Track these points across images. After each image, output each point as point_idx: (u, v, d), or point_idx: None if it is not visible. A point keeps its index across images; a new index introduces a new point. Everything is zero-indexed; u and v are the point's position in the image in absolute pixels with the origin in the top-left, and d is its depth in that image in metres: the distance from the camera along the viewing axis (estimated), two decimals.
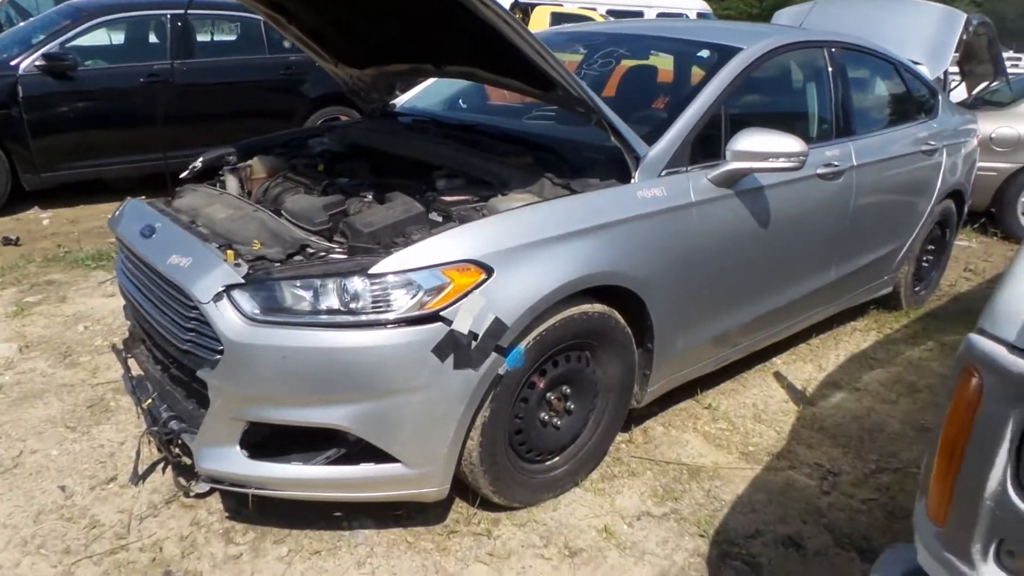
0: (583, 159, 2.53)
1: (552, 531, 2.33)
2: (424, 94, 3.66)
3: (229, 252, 2.09)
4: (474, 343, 1.98)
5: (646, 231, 2.39)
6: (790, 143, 2.58)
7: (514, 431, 2.29)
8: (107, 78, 5.91)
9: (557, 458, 2.47)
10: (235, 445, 2.07)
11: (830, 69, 3.36)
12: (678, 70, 3.48)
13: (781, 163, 2.58)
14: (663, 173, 2.50)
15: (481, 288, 2.00)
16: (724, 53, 2.90)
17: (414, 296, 1.95)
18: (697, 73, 3.18)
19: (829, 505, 2.52)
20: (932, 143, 3.90)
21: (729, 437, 2.92)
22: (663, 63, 3.57)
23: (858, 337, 3.96)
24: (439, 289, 1.97)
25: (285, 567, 2.15)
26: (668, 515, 2.44)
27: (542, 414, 2.36)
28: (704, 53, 3.09)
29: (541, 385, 2.30)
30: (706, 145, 2.68)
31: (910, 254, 4.05)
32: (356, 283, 1.95)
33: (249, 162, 2.93)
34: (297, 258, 2.11)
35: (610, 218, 2.29)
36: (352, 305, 1.95)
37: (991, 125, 5.68)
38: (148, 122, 5.96)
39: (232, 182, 2.85)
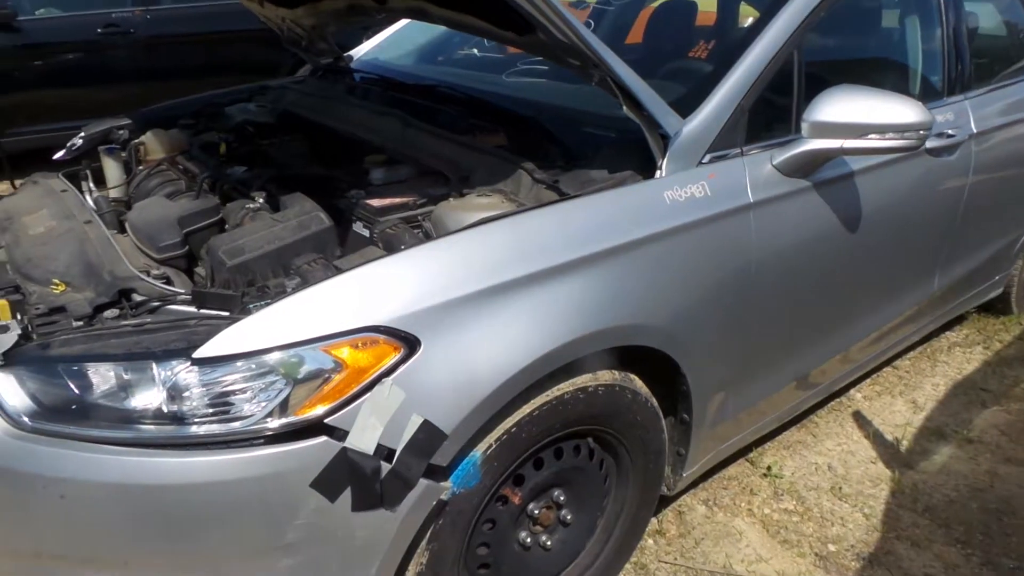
0: (583, 139, 1.67)
1: None
2: (390, 43, 2.78)
3: (2, 302, 1.29)
4: (387, 467, 1.17)
5: (679, 255, 1.53)
6: (903, 110, 1.68)
7: (476, 567, 1.49)
8: (56, 29, 5.13)
9: None
10: None
11: None
12: (724, 3, 2.55)
13: (889, 140, 1.68)
14: (705, 159, 1.62)
15: (398, 374, 1.18)
16: None
17: (278, 394, 1.14)
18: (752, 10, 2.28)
19: None
20: None
21: (799, 526, 2.08)
22: (704, 2, 2.65)
23: (959, 356, 3.05)
24: (321, 380, 1.15)
25: None
26: None
27: (522, 534, 1.55)
28: None
29: (517, 499, 1.49)
30: (771, 114, 1.79)
31: None
32: (179, 373, 1.14)
33: (142, 138, 2.12)
34: (110, 313, 1.31)
35: (622, 238, 1.43)
36: (175, 408, 1.14)
37: None
38: (106, 80, 5.19)
39: (112, 167, 2.04)
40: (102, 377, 1.16)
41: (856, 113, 1.66)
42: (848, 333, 2.19)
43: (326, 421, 1.14)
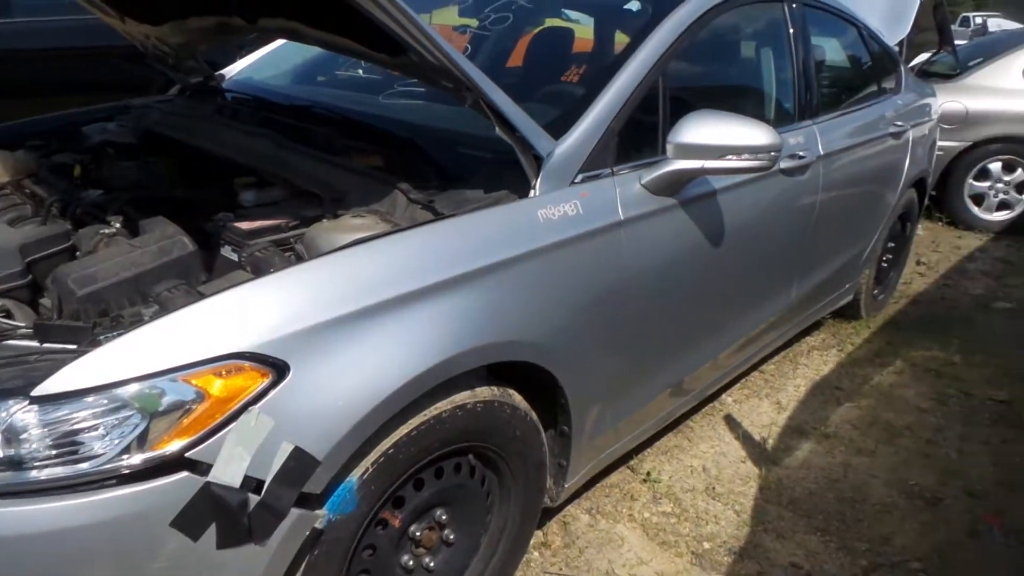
0: (459, 159, 1.69)
1: None
2: (265, 62, 2.71)
3: None
4: (256, 499, 1.13)
5: (554, 272, 1.57)
6: (757, 133, 1.80)
7: None
8: None
9: None
10: None
11: (791, 30, 2.61)
12: (600, 32, 2.66)
13: (745, 161, 1.81)
14: (578, 179, 1.69)
15: (265, 401, 1.14)
16: (661, 3, 2.09)
17: (133, 429, 1.07)
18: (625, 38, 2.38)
19: None
20: (900, 123, 3.24)
21: (676, 527, 2.18)
22: (582, 30, 2.75)
23: (817, 359, 3.30)
24: (181, 411, 1.09)
25: None
26: None
27: (404, 558, 1.53)
28: (633, 5, 2.27)
29: (398, 522, 1.47)
30: (639, 135, 1.88)
31: (873, 255, 3.41)
32: (15, 414, 1.05)
33: None
34: None
35: (497, 257, 1.46)
36: (12, 453, 1.05)
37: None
38: None
39: None
40: None
41: (714, 136, 1.77)
42: (717, 341, 2.32)
43: (187, 455, 1.09)
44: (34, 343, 1.21)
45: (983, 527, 2.24)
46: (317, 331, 1.20)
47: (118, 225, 1.51)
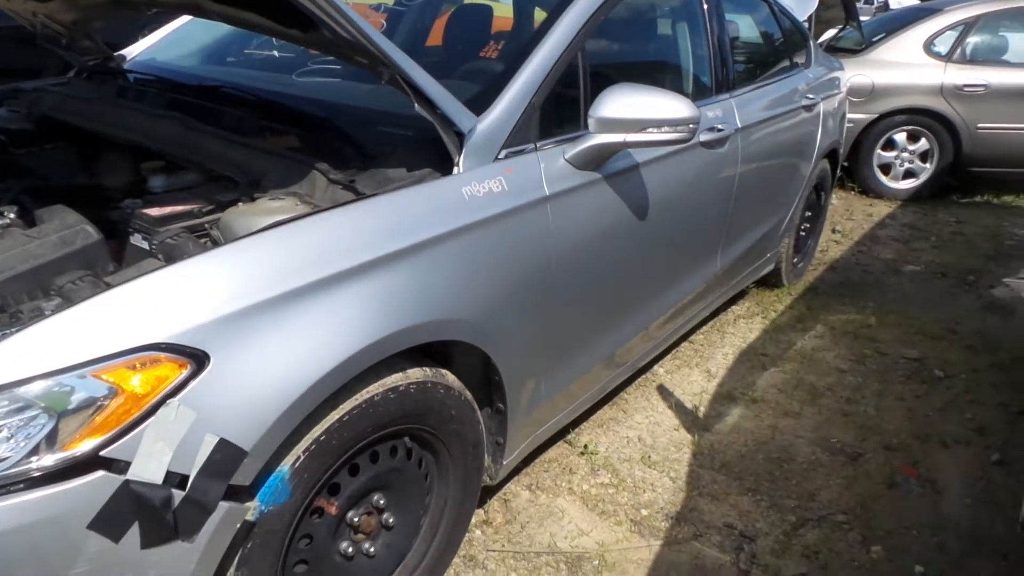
0: (379, 138, 1.65)
1: None
2: (170, 42, 2.58)
3: None
4: (180, 494, 1.08)
5: (481, 249, 1.56)
6: (676, 106, 1.83)
7: None
8: None
9: None
10: None
11: (705, 6, 2.65)
12: (518, 8, 2.64)
13: (665, 134, 1.83)
14: (502, 155, 1.67)
15: (185, 393, 1.09)
16: None
17: (40, 430, 1.01)
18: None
19: None
20: (811, 96, 3.36)
21: (615, 497, 2.21)
22: (500, 8, 2.73)
23: (743, 327, 3.41)
24: (93, 409, 1.04)
25: None
26: None
27: (343, 545, 1.50)
28: None
29: (334, 509, 1.44)
30: (560, 110, 1.88)
31: (791, 225, 3.54)
32: None
33: None
34: None
35: (422, 236, 1.44)
36: None
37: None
38: None
39: None
40: None
41: (634, 109, 1.78)
42: (646, 313, 2.36)
43: (103, 453, 1.03)
44: None
45: (900, 478, 2.36)
46: (237, 318, 1.15)
47: (12, 216, 1.42)
